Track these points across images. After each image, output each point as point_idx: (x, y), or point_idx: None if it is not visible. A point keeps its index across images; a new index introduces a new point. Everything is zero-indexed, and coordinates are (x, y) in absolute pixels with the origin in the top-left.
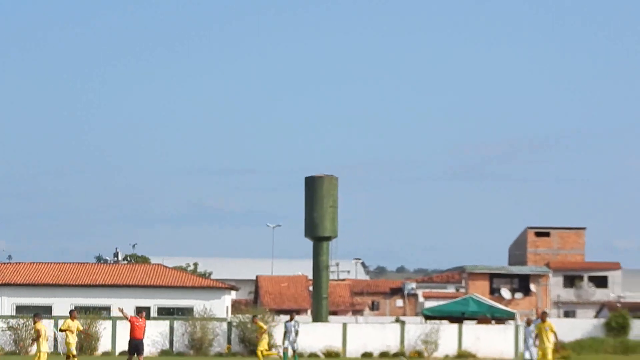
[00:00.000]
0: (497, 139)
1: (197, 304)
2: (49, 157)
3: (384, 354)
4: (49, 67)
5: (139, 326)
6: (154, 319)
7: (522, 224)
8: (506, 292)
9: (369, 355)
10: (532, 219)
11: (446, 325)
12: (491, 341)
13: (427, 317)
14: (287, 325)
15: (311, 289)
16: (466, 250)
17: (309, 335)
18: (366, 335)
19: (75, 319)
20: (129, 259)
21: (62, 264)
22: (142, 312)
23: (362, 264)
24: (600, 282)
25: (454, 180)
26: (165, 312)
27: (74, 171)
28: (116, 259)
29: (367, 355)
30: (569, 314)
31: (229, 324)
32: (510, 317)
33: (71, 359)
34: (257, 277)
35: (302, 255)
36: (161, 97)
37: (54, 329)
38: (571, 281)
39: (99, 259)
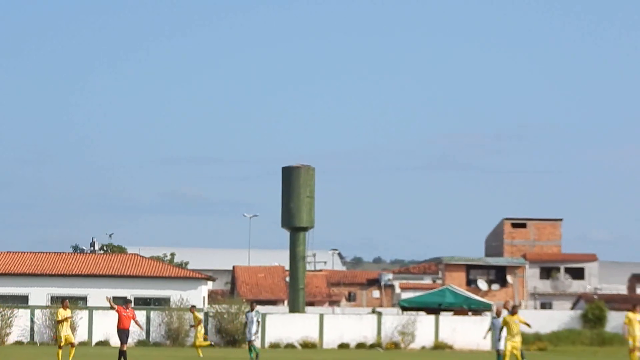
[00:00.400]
0: (474, 130)
1: (174, 294)
2: (25, 146)
3: (360, 345)
4: (25, 57)
5: (126, 316)
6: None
7: (498, 215)
8: (483, 284)
9: (346, 346)
10: (509, 210)
11: (423, 316)
12: (468, 332)
13: (404, 308)
14: (247, 315)
15: (288, 279)
16: (443, 241)
17: (285, 326)
18: (343, 326)
19: (67, 307)
20: (105, 248)
21: (39, 253)
22: (129, 302)
23: (339, 255)
24: (576, 274)
25: (431, 171)
26: (142, 302)
27: (50, 160)
28: (93, 249)
29: (343, 346)
30: (545, 306)
31: (206, 314)
32: (486, 308)
33: (63, 347)
34: (233, 267)
35: (279, 245)
36: (138, 86)
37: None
38: (548, 273)
39: (76, 249)
